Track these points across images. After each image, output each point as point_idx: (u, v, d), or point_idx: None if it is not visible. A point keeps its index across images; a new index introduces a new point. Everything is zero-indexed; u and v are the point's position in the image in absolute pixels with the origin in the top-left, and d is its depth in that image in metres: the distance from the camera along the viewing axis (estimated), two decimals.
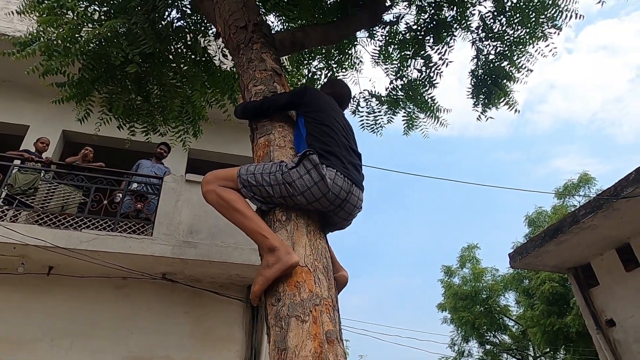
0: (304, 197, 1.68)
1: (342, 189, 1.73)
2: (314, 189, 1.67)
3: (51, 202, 5.13)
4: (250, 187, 1.74)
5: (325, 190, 1.69)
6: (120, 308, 5.19)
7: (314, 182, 1.67)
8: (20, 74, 5.67)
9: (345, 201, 1.76)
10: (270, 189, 1.71)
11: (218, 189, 1.76)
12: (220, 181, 1.79)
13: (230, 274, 5.41)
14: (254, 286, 1.58)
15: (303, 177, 1.68)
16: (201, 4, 3.36)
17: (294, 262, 1.51)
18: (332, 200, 1.72)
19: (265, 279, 1.53)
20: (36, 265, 4.93)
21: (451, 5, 4.49)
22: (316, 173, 1.68)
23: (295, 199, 1.69)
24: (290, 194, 1.68)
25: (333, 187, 1.70)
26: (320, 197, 1.69)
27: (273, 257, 1.54)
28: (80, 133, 6.05)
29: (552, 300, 13.64)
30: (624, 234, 6.72)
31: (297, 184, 1.67)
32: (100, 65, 3.62)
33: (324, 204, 1.72)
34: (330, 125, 1.92)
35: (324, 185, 1.68)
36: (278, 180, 1.70)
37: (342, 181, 1.74)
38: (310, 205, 1.72)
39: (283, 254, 1.52)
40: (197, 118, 4.68)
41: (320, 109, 2.00)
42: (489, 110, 4.79)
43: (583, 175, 15.87)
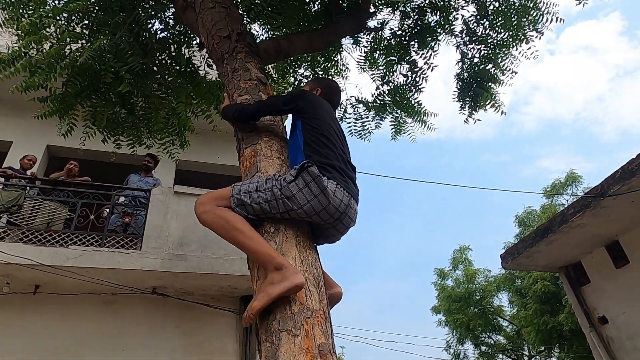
0: (304, 211, 1.64)
1: (342, 202, 1.70)
2: (314, 202, 1.64)
3: (36, 219, 5.03)
4: (244, 206, 1.68)
5: (326, 203, 1.65)
6: (110, 325, 5.09)
7: (314, 195, 1.64)
8: (2, 89, 5.59)
9: (344, 214, 1.73)
10: (267, 205, 1.65)
11: (215, 209, 1.70)
12: (215, 201, 1.73)
13: (221, 285, 5.34)
14: (253, 302, 1.48)
15: (302, 190, 1.64)
16: (184, 14, 3.34)
17: (301, 282, 1.44)
18: (332, 214, 1.69)
19: (268, 295, 1.44)
20: (22, 284, 4.82)
21: (434, 10, 4.53)
22: (316, 186, 1.64)
23: (293, 213, 1.65)
24: (289, 209, 1.64)
25: (334, 200, 1.66)
26: (320, 210, 1.65)
27: (279, 275, 1.47)
28: (65, 147, 5.94)
29: (544, 299, 13.73)
30: (613, 231, 6.79)
31: (297, 197, 1.63)
32: (84, 79, 3.57)
33: (324, 217, 1.68)
34: (328, 135, 1.88)
35: (324, 198, 1.64)
36: (276, 196, 1.65)
37: (342, 194, 1.70)
38: (308, 219, 1.68)
39: (290, 273, 1.46)
40: (183, 129, 4.63)
41: (318, 116, 1.95)
42: (476, 112, 4.83)
43: (570, 174, 16.08)
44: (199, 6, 3.00)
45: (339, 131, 2.01)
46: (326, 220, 1.71)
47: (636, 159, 5.62)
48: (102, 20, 3.63)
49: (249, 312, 1.47)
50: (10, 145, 6.34)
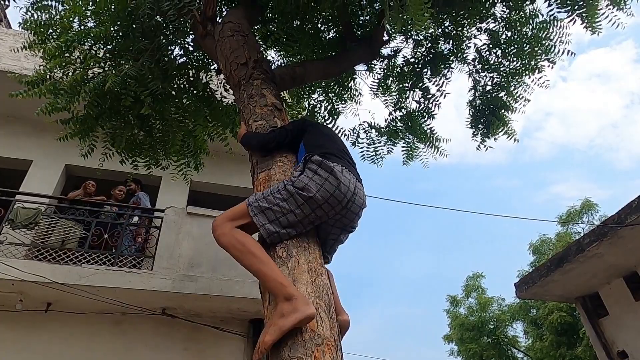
0: (320, 195, 1.71)
1: (350, 180, 1.79)
2: (326, 185, 1.72)
3: (51, 237, 5.11)
4: (263, 211, 1.73)
5: (337, 183, 1.74)
6: (118, 344, 5.08)
7: (324, 178, 1.73)
8: (24, 109, 5.80)
9: (354, 195, 1.80)
10: (285, 204, 1.72)
11: (233, 231, 1.71)
12: (231, 222, 1.74)
13: (231, 308, 5.31)
14: (264, 336, 1.47)
15: (313, 178, 1.73)
16: (203, 41, 3.45)
17: (312, 313, 1.43)
18: (345, 193, 1.76)
19: (279, 329, 1.43)
20: (34, 301, 4.86)
21: (447, 39, 4.60)
22: (322, 170, 1.74)
23: (311, 202, 1.71)
24: (307, 198, 1.71)
25: (343, 179, 1.75)
26: (333, 191, 1.73)
27: (290, 307, 1.46)
28: (83, 167, 6.08)
29: (561, 330, 13.30)
30: (631, 262, 6.62)
31: (309, 186, 1.72)
32: (105, 102, 3.68)
33: (339, 198, 1.75)
34: (327, 134, 2.08)
35: (334, 179, 1.74)
36: (291, 192, 1.73)
37: (348, 174, 1.79)
38: (325, 204, 1.73)
39: (301, 304, 1.45)
40: (199, 151, 4.72)
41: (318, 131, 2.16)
42: (488, 139, 4.82)
43: (585, 202, 15.79)
44: (218, 34, 3.11)
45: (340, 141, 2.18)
46: (340, 202, 1.76)
47: None
48: (124, 46, 3.76)
49: (261, 346, 1.45)
50: (30, 163, 6.51)
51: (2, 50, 6.38)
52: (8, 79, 4.39)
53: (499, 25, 4.40)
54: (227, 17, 3.25)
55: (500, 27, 4.40)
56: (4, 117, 6.64)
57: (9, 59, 6.20)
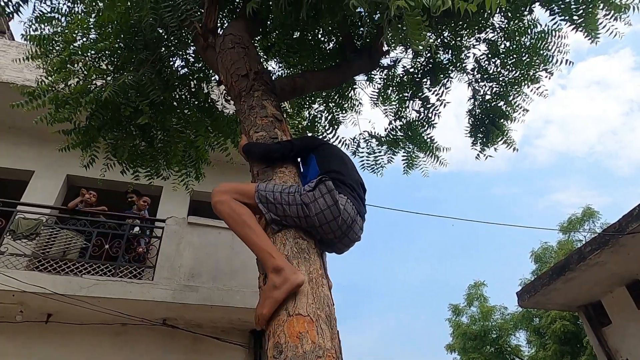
0: (317, 219, 1.79)
1: (349, 215, 1.86)
2: (326, 212, 1.80)
3: (52, 247, 5.11)
4: (268, 204, 1.82)
5: (337, 214, 1.81)
6: (119, 355, 5.05)
7: (327, 205, 1.81)
8: (26, 120, 5.82)
9: (349, 228, 1.88)
10: (287, 208, 1.80)
11: (231, 201, 1.81)
12: (234, 194, 1.84)
13: (231, 318, 5.29)
14: (262, 309, 1.57)
15: (318, 200, 1.81)
16: (204, 53, 3.49)
17: (301, 280, 1.54)
18: (340, 225, 1.84)
19: (275, 300, 1.53)
20: (35, 312, 4.85)
21: (446, 49, 4.64)
22: (330, 197, 1.82)
23: (308, 220, 1.80)
24: (305, 215, 1.79)
25: (343, 214, 1.83)
26: (331, 220, 1.81)
27: (280, 278, 1.56)
28: (85, 177, 6.10)
29: (564, 339, 13.20)
30: (633, 270, 6.59)
31: (312, 206, 1.79)
32: (107, 113, 3.71)
33: (333, 227, 1.83)
34: (340, 161, 2.12)
35: (335, 210, 1.81)
36: (296, 201, 1.81)
37: (350, 209, 1.87)
38: (320, 228, 1.81)
39: (289, 274, 1.56)
40: (200, 161, 4.74)
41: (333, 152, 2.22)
42: (488, 148, 4.84)
43: (587, 210, 15.77)
44: (219, 46, 3.15)
45: (351, 164, 2.26)
46: (334, 231, 1.84)
47: None
48: (127, 58, 3.80)
49: (260, 319, 1.58)
50: (31, 174, 6.52)
51: (5, 61, 6.43)
52: (10, 90, 4.43)
53: (497, 36, 4.45)
54: (228, 29, 3.28)
55: (499, 37, 4.44)
56: (6, 128, 6.67)
57: (12, 70, 6.25)
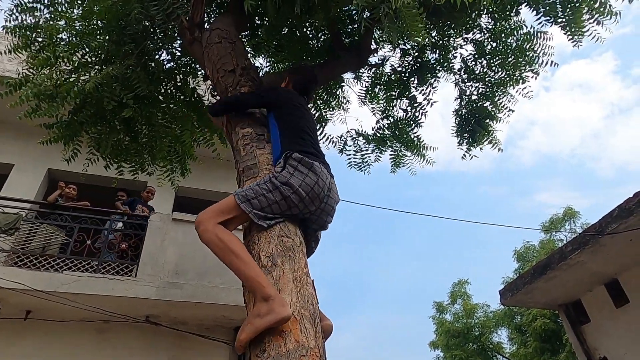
0: (302, 190, 1.83)
1: (326, 177, 1.94)
2: (307, 180, 1.85)
3: (32, 242, 5.00)
4: (249, 199, 1.82)
5: (315, 178, 1.88)
6: (102, 353, 4.98)
7: (304, 174, 1.86)
8: (5, 111, 5.67)
9: (330, 190, 1.95)
10: (270, 195, 1.82)
11: (216, 229, 1.77)
12: (215, 217, 1.80)
13: (217, 315, 5.26)
14: (240, 334, 1.54)
15: (294, 174, 1.86)
16: (190, 47, 3.43)
17: (287, 315, 1.48)
18: (322, 188, 1.90)
19: (255, 328, 1.49)
20: (13, 309, 4.75)
21: (434, 49, 4.66)
22: (302, 167, 1.88)
23: (294, 197, 1.82)
24: (290, 193, 1.82)
25: (321, 175, 1.90)
26: (313, 185, 1.86)
27: (266, 307, 1.51)
28: (67, 172, 5.98)
29: (544, 337, 13.45)
30: (612, 270, 6.74)
31: (292, 181, 1.83)
32: (90, 107, 3.63)
33: (317, 192, 1.87)
34: (303, 127, 2.14)
35: (313, 175, 1.88)
36: (275, 185, 1.84)
37: (325, 170, 1.95)
38: (307, 198, 1.84)
39: (277, 306, 1.49)
40: (186, 157, 4.68)
41: (290, 110, 2.22)
42: (474, 148, 4.89)
43: (568, 210, 16.07)
44: (205, 40, 3.10)
45: (311, 121, 2.29)
46: (319, 196, 1.89)
47: (633, 197, 5.65)
48: (113, 51, 3.73)
49: (238, 343, 1.55)
50: (11, 167, 6.38)
51: None
52: None
53: (484, 36, 4.48)
54: (215, 23, 3.24)
55: (485, 38, 4.48)
56: None
57: None
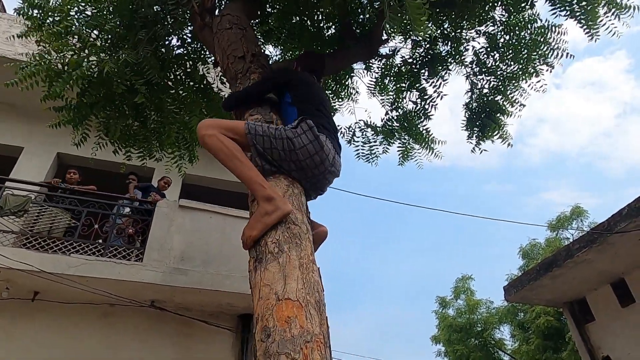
0: (301, 153, 1.90)
1: (330, 150, 2.01)
2: (309, 146, 1.92)
3: (37, 224, 5.05)
4: (256, 135, 1.90)
5: (319, 148, 1.94)
6: (106, 336, 5.05)
7: (310, 140, 1.93)
8: (16, 96, 5.72)
9: (332, 163, 2.03)
10: (274, 141, 1.89)
11: (219, 135, 1.86)
12: (221, 129, 1.89)
13: (220, 302, 5.30)
14: (251, 231, 1.67)
15: (301, 135, 1.93)
16: (200, 33, 3.42)
17: (290, 210, 1.68)
18: (322, 160, 1.97)
19: (265, 224, 1.65)
20: (21, 290, 4.81)
21: (446, 41, 4.60)
22: (311, 134, 1.94)
23: (293, 155, 1.90)
24: (290, 149, 1.89)
25: (325, 148, 1.97)
26: (313, 153, 1.93)
27: (271, 206, 1.67)
28: (75, 156, 6.03)
29: (547, 334, 13.43)
30: (619, 269, 6.69)
31: (295, 141, 1.91)
32: (99, 90, 3.64)
33: (316, 161, 1.95)
34: (318, 105, 2.19)
35: (317, 145, 1.94)
36: (282, 135, 1.91)
37: (330, 145, 2.02)
38: (305, 162, 1.92)
39: (281, 203, 1.68)
40: (194, 144, 4.69)
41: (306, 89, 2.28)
42: (483, 142, 4.84)
43: (575, 208, 15.94)
44: (216, 26, 3.09)
45: (325, 98, 2.36)
46: (317, 165, 1.96)
47: None
48: (123, 36, 3.72)
49: (248, 240, 1.68)
50: (21, 150, 6.43)
51: None
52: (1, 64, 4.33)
53: (497, 29, 4.42)
54: (225, 9, 3.22)
55: (498, 31, 4.41)
56: None
57: (3, 44, 6.11)
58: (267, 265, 1.62)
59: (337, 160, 2.08)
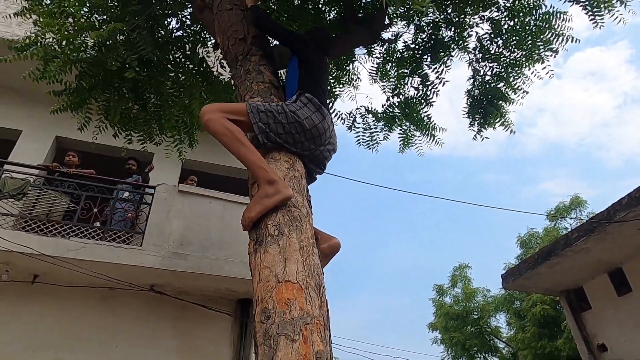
0: (307, 123, 1.98)
1: (330, 124, 2.12)
2: (312, 116, 2.01)
3: (35, 207, 5.04)
4: (259, 113, 1.95)
5: (321, 118, 2.04)
6: (106, 319, 5.08)
7: (312, 111, 2.03)
8: (14, 78, 5.64)
9: (332, 133, 2.14)
10: (277, 115, 1.96)
11: (222, 119, 1.89)
12: (221, 112, 1.93)
13: (220, 287, 5.32)
14: (250, 212, 1.70)
15: (302, 108, 2.03)
16: (201, 14, 3.36)
17: (291, 194, 1.72)
18: (326, 129, 2.07)
19: (265, 206, 1.68)
20: (21, 272, 4.82)
21: (449, 26, 4.54)
22: (312, 105, 2.05)
23: (298, 126, 1.97)
24: (295, 120, 1.97)
25: (327, 118, 2.08)
26: (317, 123, 2.02)
27: (272, 189, 1.71)
28: (75, 140, 5.99)
29: (543, 322, 13.55)
30: (617, 258, 6.72)
31: (299, 112, 1.99)
32: (98, 73, 3.59)
33: (320, 130, 2.03)
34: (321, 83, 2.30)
35: (319, 115, 2.04)
36: (285, 109, 1.99)
37: (330, 119, 2.12)
38: (310, 132, 1.99)
39: (282, 187, 1.72)
40: (194, 128, 4.65)
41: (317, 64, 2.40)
42: (485, 130, 4.81)
43: (575, 198, 15.95)
44: (216, 7, 3.03)
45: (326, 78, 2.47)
46: (321, 134, 2.05)
47: None
48: (120, 16, 3.66)
49: (247, 220, 1.71)
50: (19, 134, 6.39)
51: None
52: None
53: (501, 15, 4.35)
54: None
55: (503, 17, 4.35)
56: None
57: (0, 25, 6.02)
58: (267, 247, 1.62)
59: (334, 133, 2.17)
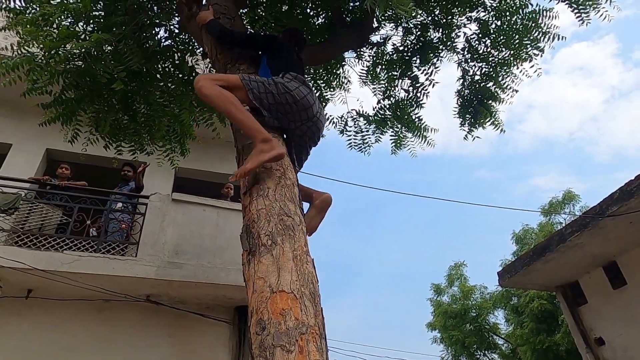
0: (295, 94, 2.09)
1: (315, 100, 2.20)
2: (301, 88, 2.12)
3: (28, 221, 4.98)
4: (251, 81, 2.07)
5: (307, 91, 2.14)
6: (101, 332, 5.02)
7: (298, 85, 2.13)
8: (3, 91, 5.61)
9: (320, 109, 2.23)
10: (268, 86, 2.07)
11: (214, 85, 1.98)
12: (217, 81, 2.03)
13: (216, 295, 5.29)
14: (246, 164, 1.78)
15: (291, 81, 2.14)
16: (188, 24, 3.36)
17: (283, 152, 1.86)
18: (314, 101, 2.16)
19: (260, 161, 1.79)
20: (14, 288, 4.76)
21: (437, 27, 4.57)
22: (297, 81, 2.15)
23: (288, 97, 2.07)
24: (286, 91, 2.07)
25: (312, 92, 2.18)
26: (307, 93, 2.13)
27: (267, 146, 1.81)
28: (65, 152, 5.93)
29: (541, 318, 13.60)
30: (611, 252, 6.77)
31: (288, 85, 2.10)
32: (85, 84, 3.57)
33: (309, 101, 2.13)
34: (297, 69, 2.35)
35: (306, 88, 2.15)
36: (275, 81, 2.11)
37: (315, 95, 2.21)
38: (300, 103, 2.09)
39: (276, 145, 1.84)
40: (185, 137, 4.64)
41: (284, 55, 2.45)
42: (476, 129, 4.84)
43: (567, 193, 16.05)
44: None
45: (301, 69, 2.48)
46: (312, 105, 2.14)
47: (634, 180, 5.63)
48: (106, 25, 3.63)
49: (240, 171, 1.80)
50: (9, 147, 6.32)
51: None
52: None
53: (488, 15, 4.39)
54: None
55: (490, 17, 4.39)
56: None
57: None
58: (260, 257, 1.61)
59: (322, 112, 2.27)
